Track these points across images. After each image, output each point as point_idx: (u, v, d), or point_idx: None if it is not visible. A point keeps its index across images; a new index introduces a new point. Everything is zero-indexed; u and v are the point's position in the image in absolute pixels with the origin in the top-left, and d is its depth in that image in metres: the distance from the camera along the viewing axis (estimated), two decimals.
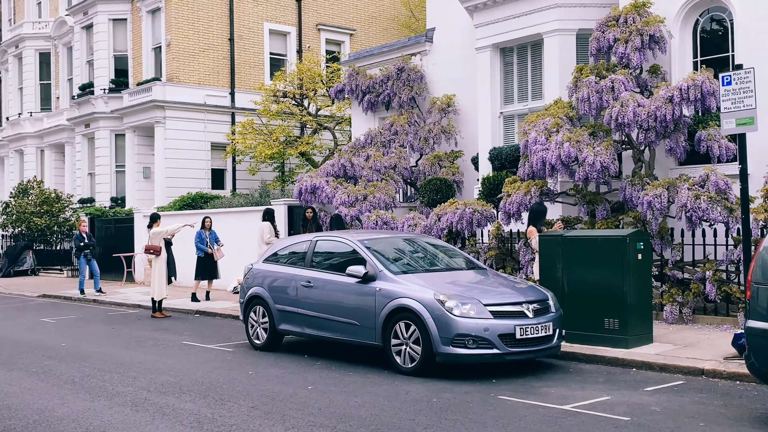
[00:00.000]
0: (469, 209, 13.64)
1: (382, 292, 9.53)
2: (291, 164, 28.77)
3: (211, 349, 11.61)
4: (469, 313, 8.86)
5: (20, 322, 15.74)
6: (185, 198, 25.05)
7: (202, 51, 28.97)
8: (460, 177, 17.00)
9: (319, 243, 11.07)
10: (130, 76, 30.99)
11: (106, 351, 11.61)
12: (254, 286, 11.56)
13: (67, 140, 34.31)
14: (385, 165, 16.94)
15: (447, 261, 10.79)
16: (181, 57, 28.62)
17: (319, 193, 16.51)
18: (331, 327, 10.24)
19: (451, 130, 17.45)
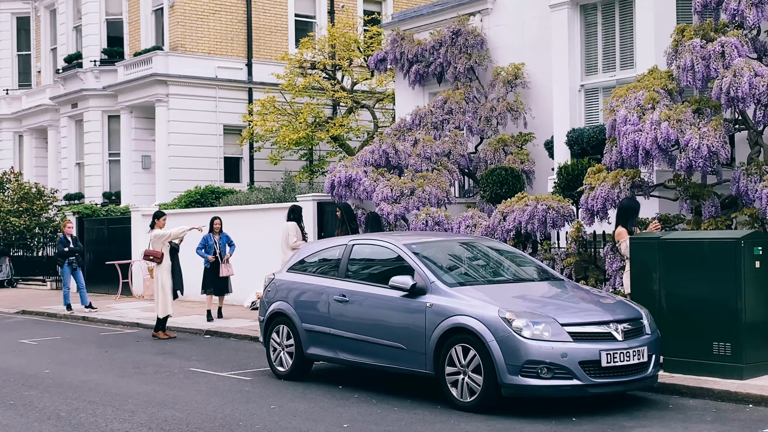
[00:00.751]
0: (542, 206, 13.57)
1: (434, 308, 9.54)
2: (321, 151, 28.95)
3: (224, 377, 11.74)
4: (543, 334, 8.83)
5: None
6: (192, 193, 25.37)
7: (212, 13, 29.30)
8: (530, 166, 16.90)
9: (356, 248, 11.13)
10: (125, 45, 31.48)
11: (98, 379, 11.82)
12: (277, 301, 11.65)
13: (50, 123, 34.98)
14: (437, 151, 16.93)
15: (514, 270, 10.76)
16: (188, 21, 28.99)
17: (356, 187, 16.56)
18: (371, 351, 10.28)
19: (520, 108, 17.37)
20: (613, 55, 15.69)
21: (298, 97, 26.61)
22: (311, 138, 26.06)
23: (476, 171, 17.65)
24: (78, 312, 20.46)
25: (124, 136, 30.42)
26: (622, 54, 15.57)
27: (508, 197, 14.96)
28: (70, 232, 21.32)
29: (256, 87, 29.54)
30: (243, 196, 23.88)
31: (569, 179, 14.34)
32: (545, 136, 16.84)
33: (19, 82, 37.72)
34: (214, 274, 17.61)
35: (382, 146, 17.13)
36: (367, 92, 27.42)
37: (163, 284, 15.86)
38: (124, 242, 25.03)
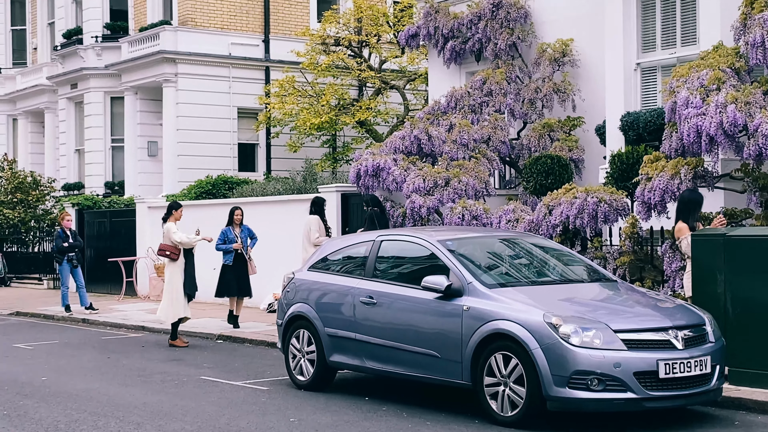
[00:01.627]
0: (593, 198, 13.50)
1: (472, 312, 9.52)
2: (345, 137, 28.98)
3: (239, 387, 11.78)
4: (593, 342, 8.78)
5: None
6: (203, 183, 25.49)
7: None
8: (579, 154, 16.83)
9: (384, 245, 11.12)
10: (130, 19, 31.68)
11: (100, 388, 11.90)
12: (297, 303, 11.68)
13: (47, 106, 35.28)
14: (475, 137, 16.88)
15: (561, 270, 10.71)
16: None
17: (384, 177, 16.54)
18: (401, 359, 10.27)
19: (568, 89, 17.29)
20: (674, 30, 15.56)
21: (321, 77, 26.64)
22: (335, 122, 26.08)
23: (518, 159, 17.58)
24: (77, 314, 20.63)
25: (128, 119, 30.61)
26: (684, 29, 15.43)
27: (554, 189, 14.89)
28: (69, 226, 21.45)
29: (274, 66, 29.62)
30: (259, 186, 23.95)
31: (623, 169, 14.26)
32: (596, 121, 16.75)
33: (14, 61, 38.05)
34: (234, 273, 17.07)
35: (414, 131, 17.10)
36: (397, 72, 27.39)
37: (175, 285, 15.69)
38: (127, 237, 25.20)
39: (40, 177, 32.18)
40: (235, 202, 21.81)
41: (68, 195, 31.52)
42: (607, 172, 14.77)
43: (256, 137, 30.03)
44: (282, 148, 28.82)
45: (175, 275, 15.70)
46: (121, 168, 31.17)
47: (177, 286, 15.68)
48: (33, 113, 36.71)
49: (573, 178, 16.13)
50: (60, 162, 33.91)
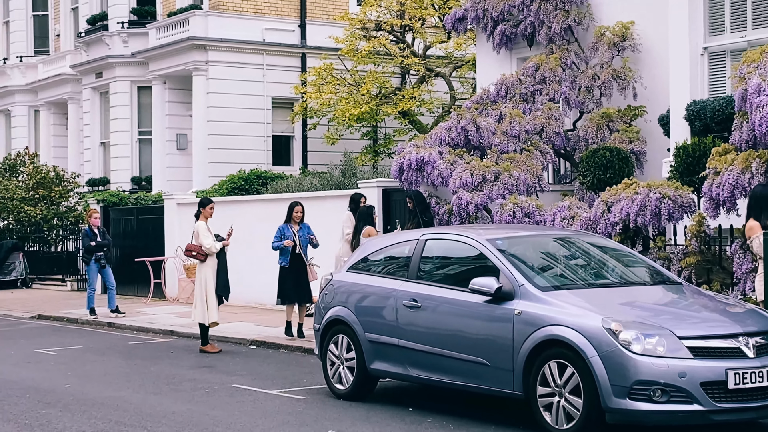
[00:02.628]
0: (655, 194, 13.41)
1: (524, 316, 9.48)
2: (387, 128, 28.98)
3: (273, 396, 11.82)
4: (657, 349, 8.72)
5: (7, 353, 16.45)
6: (235, 178, 25.62)
7: None
8: (640, 146, 16.70)
9: (429, 244, 11.11)
10: (158, 4, 31.90)
11: (127, 396, 11.99)
12: (335, 306, 11.69)
13: (71, 96, 35.63)
14: (527, 128, 16.81)
15: (621, 271, 10.64)
16: None
17: (429, 171, 16.52)
18: (447, 367, 10.25)
19: (628, 76, 17.16)
20: (744, 12, 15.38)
21: (361, 64, 26.66)
22: (375, 113, 26.09)
23: (574, 152, 17.47)
24: (103, 317, 20.81)
25: (156, 110, 30.82)
26: (756, 10, 15.25)
27: (613, 184, 14.81)
28: (96, 224, 21.60)
29: (311, 52, 29.67)
30: (294, 181, 24.03)
31: (689, 162, 14.14)
32: (659, 110, 16.62)
33: (35, 48, 38.47)
34: (296, 275, 16.55)
35: (461, 122, 17.06)
36: (443, 58, 27.34)
37: (207, 286, 15.73)
38: (155, 236, 25.38)
39: (63, 172, 32.50)
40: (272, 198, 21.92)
41: (93, 191, 31.83)
42: (672, 166, 14.65)
43: (291, 129, 30.11)
44: (319, 140, 28.88)
45: (208, 276, 15.78)
46: (148, 162, 31.39)
47: (209, 287, 15.76)
48: (56, 104, 37.10)
49: (634, 173, 16.03)
50: (84, 156, 34.23)
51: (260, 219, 21.53)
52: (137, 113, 32.03)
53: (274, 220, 20.16)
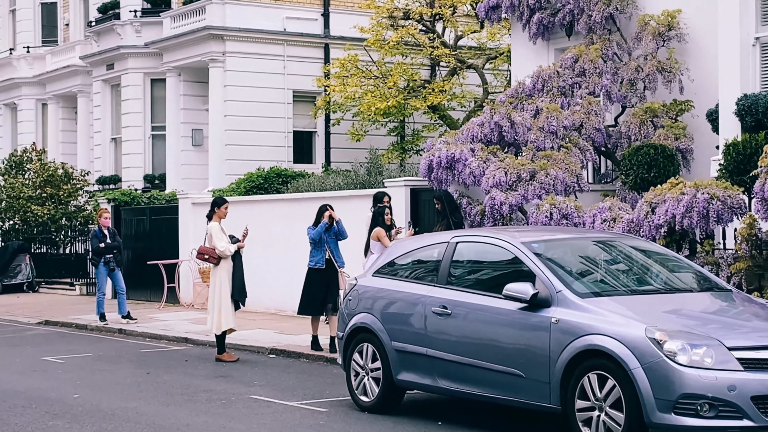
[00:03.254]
0: (703, 195, 13.35)
1: (562, 325, 9.45)
2: (416, 124, 28.96)
3: (294, 407, 11.81)
4: (704, 361, 8.68)
5: (12, 361, 16.53)
6: (254, 176, 25.65)
7: None
8: (687, 143, 16.62)
9: (460, 247, 11.08)
10: None
11: (139, 407, 12.01)
12: (360, 313, 11.68)
13: (80, 89, 35.82)
14: (566, 124, 16.76)
15: (666, 277, 10.59)
16: None
17: (460, 169, 16.49)
18: (479, 379, 10.22)
19: (674, 68, 17.07)
20: None
21: (388, 55, 26.65)
22: (403, 107, 26.07)
23: (616, 149, 17.40)
24: (113, 323, 20.89)
25: (170, 104, 30.92)
26: None
27: (657, 183, 14.76)
28: (107, 224, 21.68)
29: (335, 43, 29.69)
30: (317, 180, 24.03)
31: (739, 160, 14.06)
32: (707, 105, 16.54)
33: (43, 38, 38.69)
34: (327, 280, 16.01)
35: (494, 117, 17.04)
36: (476, 49, 27.28)
37: (222, 291, 15.77)
38: (169, 237, 25.46)
39: (72, 169, 32.65)
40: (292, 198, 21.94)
41: (103, 189, 31.97)
42: (720, 164, 14.57)
43: (313, 124, 30.13)
44: (343, 136, 28.90)
45: (223, 280, 15.79)
46: (162, 159, 31.50)
47: (224, 292, 15.78)
48: (64, 97, 37.30)
49: (680, 171, 15.96)
50: (94, 152, 34.39)
51: (280, 220, 21.56)
52: (150, 107, 32.15)
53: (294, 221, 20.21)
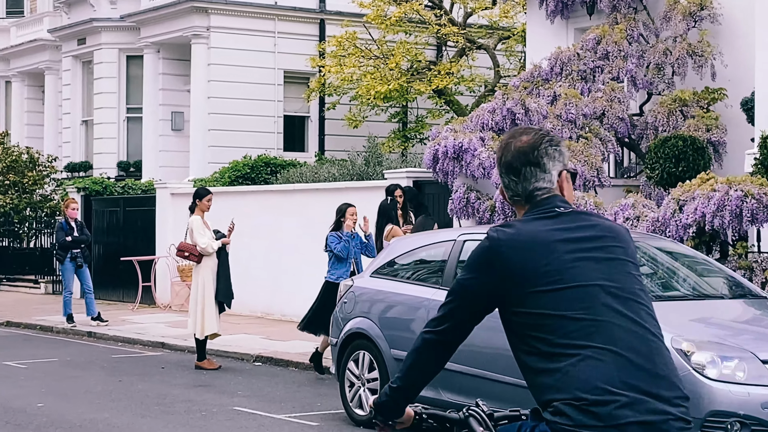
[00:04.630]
0: (736, 192, 13.35)
1: None
2: (420, 109, 28.97)
3: (281, 421, 11.86)
4: (736, 375, 8.74)
5: None
6: (239, 165, 25.68)
7: None
8: (719, 135, 16.62)
9: (468, 246, 11.09)
10: None
11: (110, 418, 12.06)
12: (356, 317, 11.73)
13: (48, 66, 35.79)
14: (586, 112, 16.79)
15: (695, 282, 10.65)
16: None
17: (468, 160, 16.52)
18: (488, 392, 10.21)
19: (706, 52, 17.08)
20: None
21: (389, 33, 26.65)
22: (406, 91, 26.09)
23: (641, 141, 17.42)
24: (82, 326, 20.90)
25: (148, 84, 30.92)
26: None
27: (686, 179, 14.77)
28: (74, 216, 21.65)
29: (331, 19, 29.70)
30: (310, 170, 24.06)
31: None
32: (742, 93, 16.56)
33: (7, 9, 38.69)
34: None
35: (507, 103, 17.06)
36: (487, 27, 27.31)
37: (205, 292, 15.63)
38: (145, 231, 25.47)
39: (39, 154, 32.58)
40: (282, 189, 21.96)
41: (72, 177, 31.92)
42: (756, 159, 14.60)
43: (306, 109, 30.16)
44: (339, 122, 28.90)
45: (206, 280, 15.73)
46: (138, 145, 31.51)
47: (207, 293, 15.69)
48: (30, 75, 37.28)
49: (711, 166, 15.97)
50: (63, 136, 34.38)
51: (268, 214, 21.58)
52: (126, 87, 32.14)
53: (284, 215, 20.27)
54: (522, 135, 4.21)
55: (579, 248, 4.05)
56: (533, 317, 4.05)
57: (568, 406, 3.86)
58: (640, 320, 4.04)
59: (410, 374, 4.32)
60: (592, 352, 3.90)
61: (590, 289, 3.99)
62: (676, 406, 3.91)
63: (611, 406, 3.81)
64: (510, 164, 4.19)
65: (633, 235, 11.82)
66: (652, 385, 3.90)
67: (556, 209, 4.13)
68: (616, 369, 3.87)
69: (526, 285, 4.01)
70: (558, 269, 3.99)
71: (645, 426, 3.83)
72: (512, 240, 4.05)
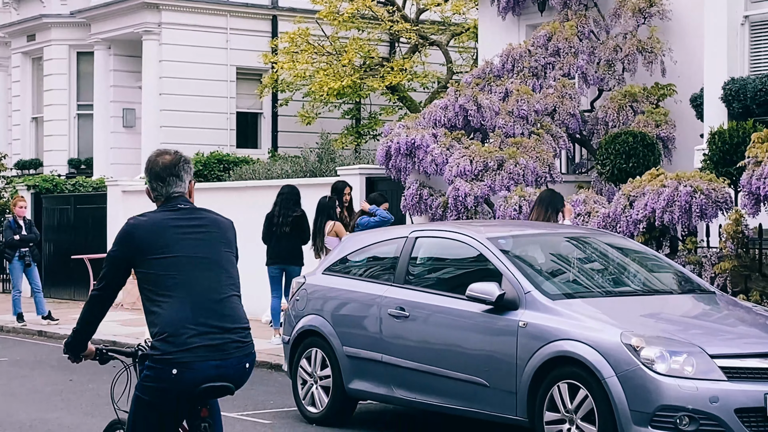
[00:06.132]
0: (686, 187, 13.42)
1: (530, 329, 9.53)
2: (373, 106, 28.97)
3: (233, 419, 11.83)
4: (684, 369, 8.78)
5: None
6: (192, 162, 25.54)
7: None
8: (669, 131, 16.73)
9: (420, 242, 11.14)
10: None
11: (61, 418, 12.00)
12: (308, 315, 11.72)
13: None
14: (537, 108, 16.84)
15: (644, 277, 10.72)
16: None
17: (421, 156, 16.53)
18: (440, 388, 10.29)
19: (656, 48, 17.20)
20: None
21: (342, 29, 26.65)
22: (359, 87, 26.09)
23: (592, 137, 17.52)
24: (33, 325, 20.77)
25: (98, 81, 30.72)
26: None
27: (636, 174, 14.83)
28: (23, 214, 21.49)
29: (283, 15, 29.64)
30: (263, 167, 24.01)
31: (725, 150, 14.17)
32: (692, 89, 16.67)
33: None
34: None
35: (459, 100, 17.09)
36: (439, 24, 27.35)
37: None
38: (96, 229, 25.32)
39: None
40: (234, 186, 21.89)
41: (22, 175, 31.68)
42: (705, 155, 14.69)
43: (259, 105, 30.09)
44: (292, 119, 28.86)
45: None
46: (89, 142, 31.31)
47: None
48: None
49: (661, 162, 16.05)
50: (12, 133, 34.10)
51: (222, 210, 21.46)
52: (76, 83, 31.91)
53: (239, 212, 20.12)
54: (166, 155, 6.18)
55: (186, 232, 5.97)
56: (148, 275, 5.91)
57: (158, 341, 5.75)
58: (218, 280, 5.96)
59: (85, 320, 6.20)
60: (177, 300, 5.80)
61: (184, 258, 5.89)
62: (235, 333, 5.89)
63: (184, 336, 5.72)
64: (158, 174, 6.11)
65: (584, 231, 11.96)
66: (217, 321, 5.83)
67: (179, 206, 6.07)
68: (191, 311, 5.77)
69: (147, 253, 5.90)
70: (167, 244, 5.90)
71: (209, 347, 5.76)
72: (142, 224, 6.01)
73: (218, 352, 5.78)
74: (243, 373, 5.95)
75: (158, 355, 5.72)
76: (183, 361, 5.69)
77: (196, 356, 5.71)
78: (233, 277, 6.06)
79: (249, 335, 6.00)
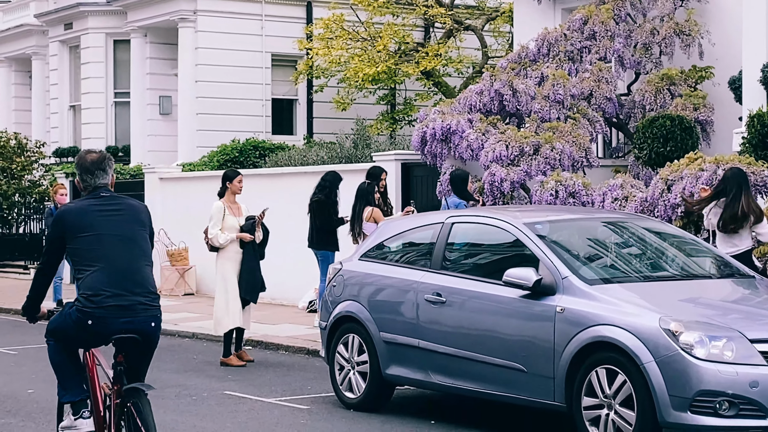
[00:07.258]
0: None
1: (567, 314, 9.50)
2: (408, 91, 28.94)
3: (272, 404, 11.85)
4: (724, 354, 8.73)
5: None
6: (228, 149, 25.64)
7: None
8: (707, 114, 16.64)
9: (456, 228, 11.12)
10: None
11: None
12: (345, 300, 11.72)
13: (35, 51, 35.63)
14: (573, 93, 16.79)
15: (683, 262, 10.64)
16: None
17: (456, 142, 16.52)
18: (476, 373, 10.27)
19: (693, 31, 17.09)
20: None
21: (377, 15, 26.62)
22: (394, 73, 26.06)
23: (629, 121, 17.44)
24: None
25: (135, 68, 30.82)
26: None
27: (674, 158, 14.80)
28: (63, 201, 21.54)
29: (318, 1, 29.61)
30: (298, 153, 24.02)
31: (765, 133, 14.12)
32: (730, 72, 16.57)
33: None
34: None
35: (495, 85, 17.04)
36: (474, 8, 27.28)
37: (226, 285, 14.59)
38: None
39: (27, 140, 32.51)
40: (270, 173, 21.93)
41: (61, 163, 31.87)
42: (744, 138, 14.62)
43: (294, 91, 30.09)
44: (327, 105, 28.85)
45: (225, 273, 14.71)
46: (126, 129, 31.43)
47: (228, 286, 14.65)
48: (17, 60, 37.13)
49: (699, 145, 16.00)
50: (51, 121, 34.26)
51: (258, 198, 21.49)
52: (113, 71, 32.01)
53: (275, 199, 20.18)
54: (93, 153, 7.68)
55: (105, 214, 7.42)
56: (75, 250, 7.43)
57: (82, 297, 7.31)
58: (132, 253, 7.43)
59: (35, 288, 7.76)
60: (97, 269, 7.29)
61: (104, 236, 7.34)
62: (143, 296, 7.33)
63: (101, 297, 7.23)
64: (88, 168, 7.55)
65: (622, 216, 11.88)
66: (129, 286, 7.29)
67: (101, 194, 7.51)
68: (107, 278, 7.25)
69: (74, 232, 7.37)
70: (90, 224, 7.35)
71: (120, 307, 7.24)
72: (71, 210, 7.52)
73: (128, 311, 7.25)
74: (149, 330, 7.38)
75: (81, 306, 7.31)
76: (98, 316, 7.23)
77: (108, 313, 7.22)
78: (145, 251, 7.55)
79: (156, 300, 7.46)
